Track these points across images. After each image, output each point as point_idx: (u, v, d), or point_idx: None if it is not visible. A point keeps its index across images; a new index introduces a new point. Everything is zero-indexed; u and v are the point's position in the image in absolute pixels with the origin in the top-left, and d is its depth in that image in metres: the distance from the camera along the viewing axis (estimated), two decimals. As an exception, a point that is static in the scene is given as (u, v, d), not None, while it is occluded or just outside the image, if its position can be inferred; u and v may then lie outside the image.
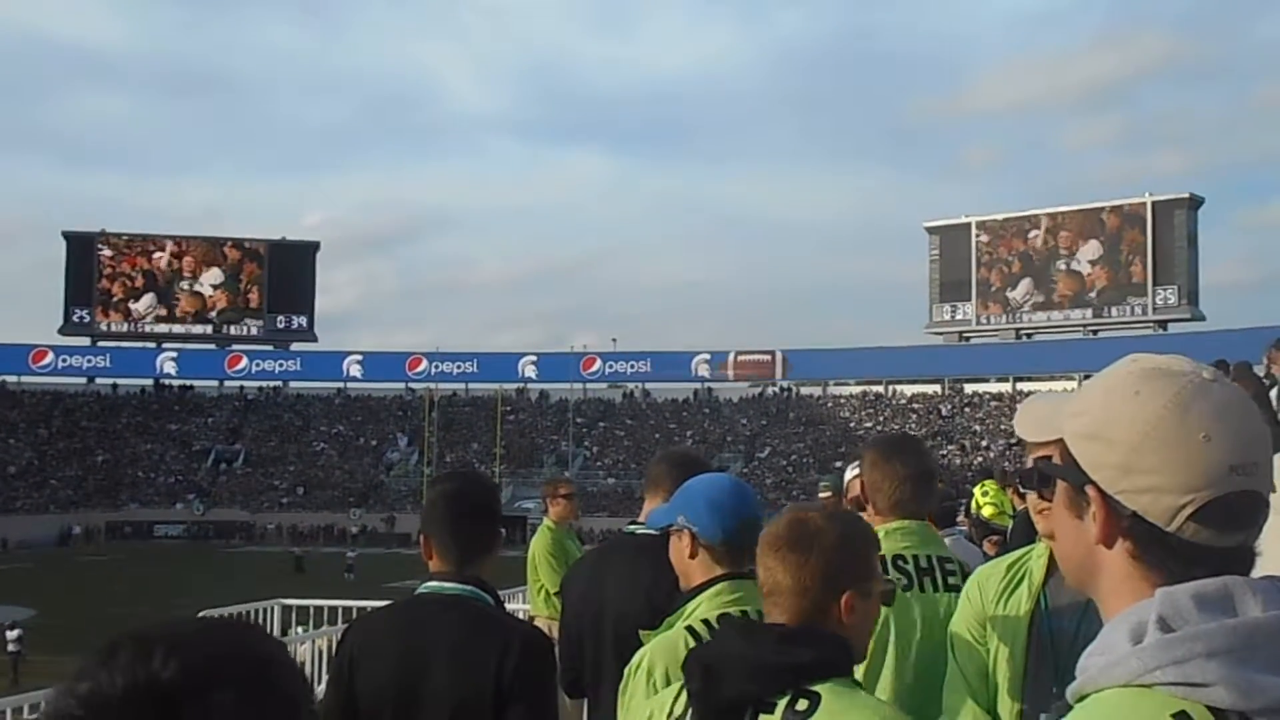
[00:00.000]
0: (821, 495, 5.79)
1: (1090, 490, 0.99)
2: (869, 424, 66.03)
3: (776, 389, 71.49)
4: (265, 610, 8.04)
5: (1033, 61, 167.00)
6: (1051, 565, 2.45)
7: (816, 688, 1.64)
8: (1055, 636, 2.35)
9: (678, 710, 1.76)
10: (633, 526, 3.27)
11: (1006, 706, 2.29)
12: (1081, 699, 0.95)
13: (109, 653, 0.77)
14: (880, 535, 2.75)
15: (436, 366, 71.29)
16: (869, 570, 1.83)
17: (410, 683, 2.39)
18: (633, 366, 72.02)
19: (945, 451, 58.35)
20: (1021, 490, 3.77)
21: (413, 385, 71.47)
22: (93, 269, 70.37)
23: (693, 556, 2.29)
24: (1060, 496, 1.04)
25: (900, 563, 2.73)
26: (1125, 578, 0.98)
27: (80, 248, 70.63)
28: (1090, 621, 2.28)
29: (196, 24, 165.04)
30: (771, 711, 1.63)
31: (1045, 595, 2.41)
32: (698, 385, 71.78)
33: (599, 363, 71.73)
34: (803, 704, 1.63)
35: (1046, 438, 1.09)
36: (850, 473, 3.64)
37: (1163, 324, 62.42)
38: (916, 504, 2.83)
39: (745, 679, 1.65)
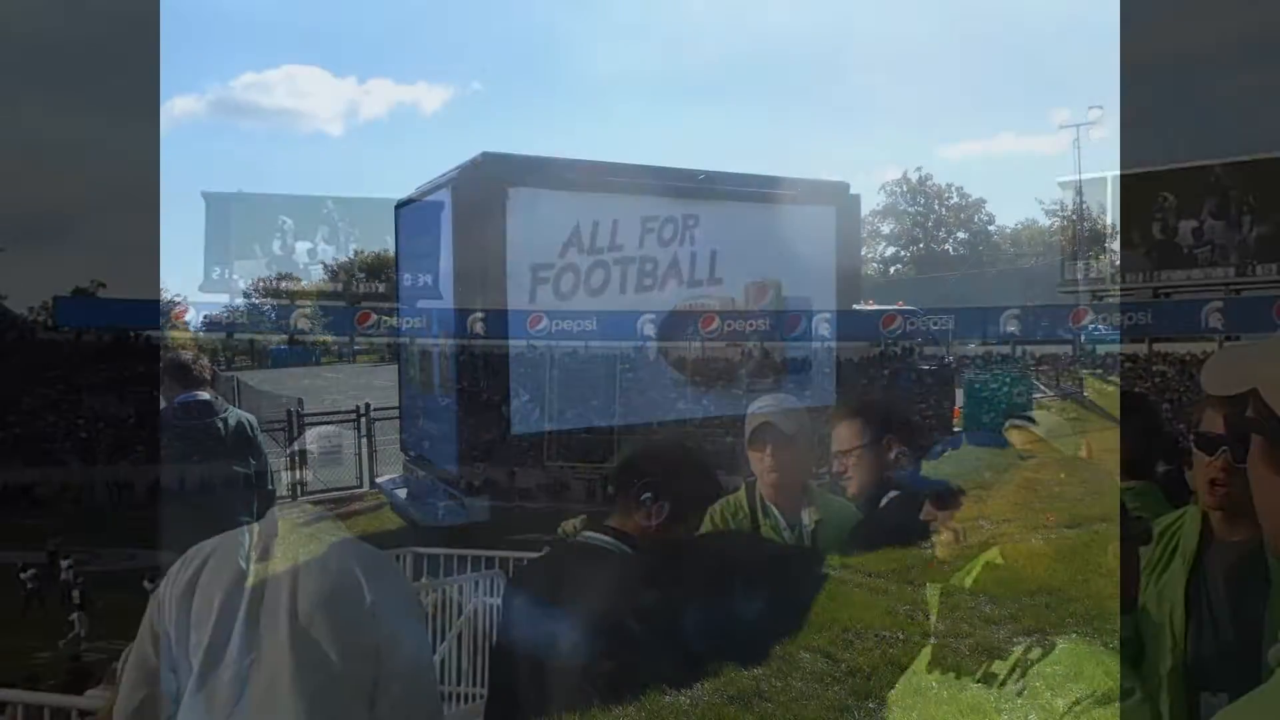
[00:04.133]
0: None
1: None
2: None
3: (898, 349, 70.09)
4: (399, 558, 8.29)
5: (1183, 8, 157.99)
6: (1205, 533, 2.33)
7: None
8: (1215, 609, 2.26)
9: None
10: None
11: (1166, 683, 2.20)
12: None
13: None
14: None
15: (557, 324, 72.12)
16: None
17: (549, 623, 2.54)
18: (751, 325, 71.51)
19: (1075, 415, 56.44)
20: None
21: (534, 342, 72.52)
22: (230, 229, 73.30)
23: None
24: (1257, 452, 0.96)
25: None
26: None
27: (219, 208, 73.66)
28: (1251, 594, 2.18)
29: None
30: None
31: (1203, 566, 2.31)
32: (817, 344, 70.90)
33: (717, 321, 71.47)
34: None
35: (1240, 389, 1.00)
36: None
37: (1315, 282, 58.86)
38: (1145, 464, 2.72)
39: None
